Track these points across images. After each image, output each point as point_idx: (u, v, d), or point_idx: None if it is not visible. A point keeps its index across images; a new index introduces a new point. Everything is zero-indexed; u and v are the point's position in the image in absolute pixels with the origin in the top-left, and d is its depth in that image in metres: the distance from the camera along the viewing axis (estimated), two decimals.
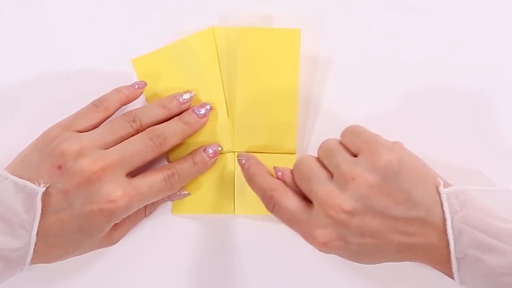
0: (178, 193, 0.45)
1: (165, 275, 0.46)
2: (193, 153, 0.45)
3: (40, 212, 0.38)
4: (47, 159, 0.40)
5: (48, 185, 0.39)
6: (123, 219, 0.41)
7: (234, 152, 0.46)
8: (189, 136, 0.45)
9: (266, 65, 0.46)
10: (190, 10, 0.48)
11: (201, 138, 0.46)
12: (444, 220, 0.38)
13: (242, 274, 0.46)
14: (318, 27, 0.48)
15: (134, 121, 0.43)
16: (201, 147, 0.45)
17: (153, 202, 0.44)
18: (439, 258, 0.39)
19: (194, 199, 0.46)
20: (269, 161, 0.46)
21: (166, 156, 0.46)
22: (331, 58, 0.48)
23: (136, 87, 0.45)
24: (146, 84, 0.45)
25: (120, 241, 0.44)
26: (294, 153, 0.46)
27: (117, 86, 0.45)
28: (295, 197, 0.40)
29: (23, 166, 0.41)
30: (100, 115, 0.43)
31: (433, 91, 0.48)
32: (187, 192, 0.46)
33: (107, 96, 0.44)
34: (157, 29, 0.48)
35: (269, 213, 0.45)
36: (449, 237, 0.38)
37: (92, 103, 0.44)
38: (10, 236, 0.38)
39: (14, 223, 0.38)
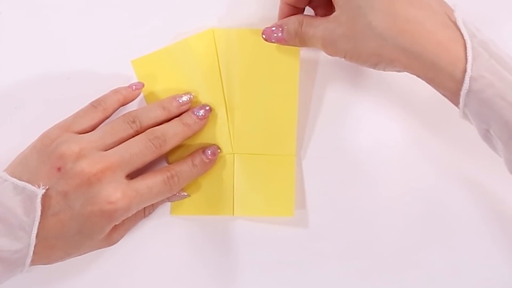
0: (177, 194, 0.45)
1: (164, 275, 0.46)
2: (192, 155, 0.45)
3: (39, 214, 0.38)
4: (47, 161, 0.40)
5: (47, 187, 0.39)
6: (123, 220, 0.41)
7: (233, 154, 0.46)
8: (189, 137, 0.45)
9: (266, 68, 0.45)
10: (190, 12, 0.48)
11: (201, 139, 0.46)
12: (462, 36, 0.37)
13: (241, 276, 0.46)
14: None
15: (134, 121, 0.43)
16: (200, 149, 0.45)
17: (152, 203, 0.44)
18: (454, 67, 0.37)
19: (193, 201, 0.46)
20: (268, 163, 0.46)
21: (165, 157, 0.46)
22: (331, 59, 0.48)
23: (134, 88, 0.45)
24: (143, 85, 0.46)
25: (119, 242, 0.44)
26: (293, 155, 0.46)
27: (117, 87, 0.45)
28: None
29: (22, 168, 0.41)
30: (99, 115, 0.43)
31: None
32: (186, 194, 0.46)
33: (105, 97, 0.44)
34: (157, 31, 0.48)
35: (268, 215, 0.46)
36: (468, 51, 0.37)
37: (90, 104, 0.44)
38: (10, 238, 0.38)
39: (14, 225, 0.38)
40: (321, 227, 0.47)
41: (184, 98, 0.45)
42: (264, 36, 0.44)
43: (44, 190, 0.39)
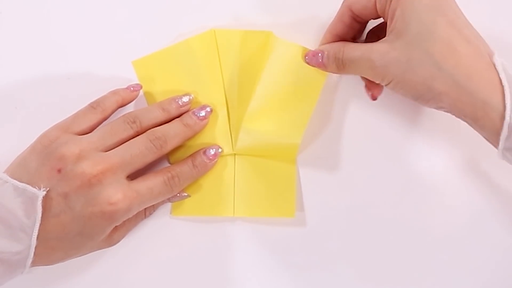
0: (178, 194, 0.45)
1: (164, 276, 0.46)
2: (193, 155, 0.45)
3: (40, 215, 0.38)
4: (47, 162, 0.40)
5: (48, 188, 0.39)
6: (123, 220, 0.41)
7: (234, 154, 0.46)
8: (189, 138, 0.45)
9: (291, 78, 0.45)
10: (191, 12, 0.48)
11: (201, 140, 0.46)
12: (500, 79, 0.38)
13: (241, 276, 0.47)
14: (320, 28, 0.48)
15: (134, 122, 0.43)
16: (201, 149, 0.45)
17: (153, 204, 0.44)
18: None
19: (194, 201, 0.46)
20: (270, 163, 0.46)
21: (167, 158, 0.46)
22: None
23: (131, 90, 0.45)
24: (141, 87, 0.46)
25: (120, 242, 0.44)
26: (295, 156, 0.46)
27: (117, 88, 0.45)
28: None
29: (22, 169, 0.41)
30: (98, 116, 0.43)
31: None
32: (186, 194, 0.46)
33: (104, 98, 0.44)
34: (158, 31, 0.48)
35: (269, 216, 0.46)
36: (506, 98, 0.37)
37: (89, 105, 0.44)
38: (11, 239, 0.38)
39: (15, 227, 0.38)
40: (320, 228, 0.47)
41: (184, 99, 0.45)
42: (307, 60, 0.45)
43: (45, 192, 0.39)
